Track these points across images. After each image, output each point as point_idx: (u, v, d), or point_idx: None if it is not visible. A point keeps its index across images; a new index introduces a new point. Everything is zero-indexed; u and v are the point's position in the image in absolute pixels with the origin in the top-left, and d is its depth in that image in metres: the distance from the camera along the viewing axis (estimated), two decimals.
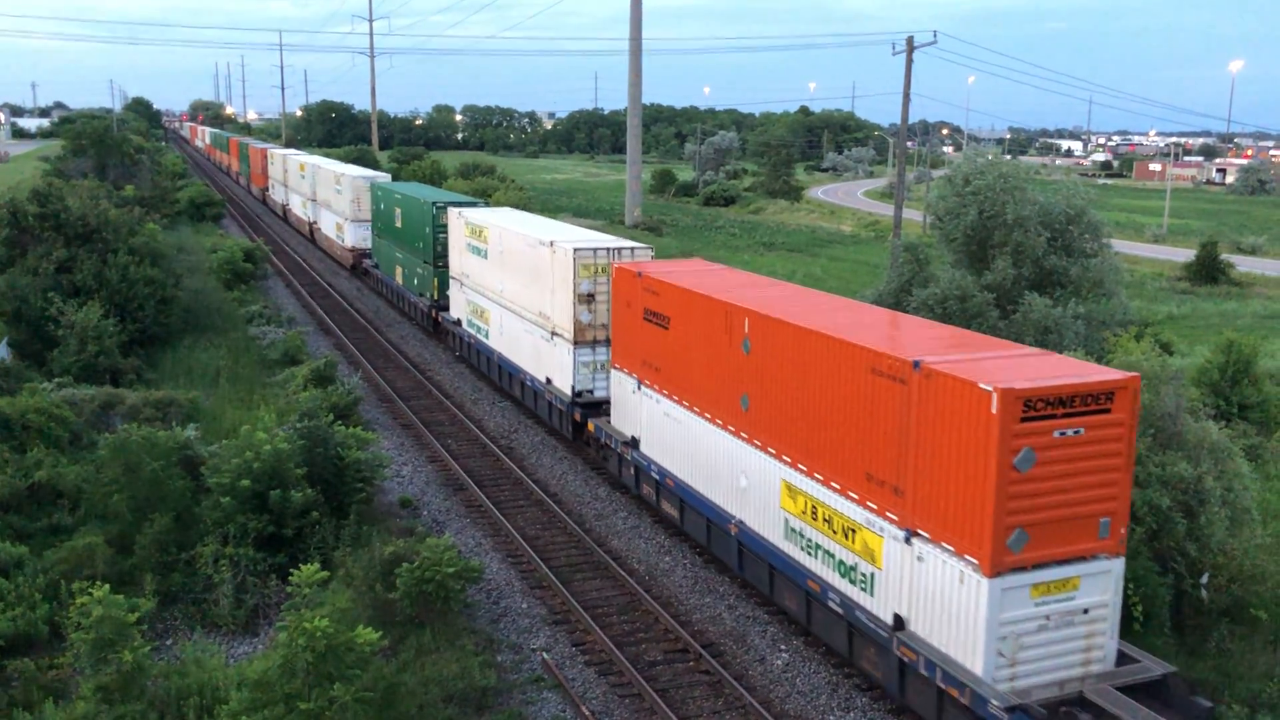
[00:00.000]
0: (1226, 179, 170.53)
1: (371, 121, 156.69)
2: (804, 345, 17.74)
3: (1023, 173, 36.92)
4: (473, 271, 35.28)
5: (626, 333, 24.40)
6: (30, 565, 19.42)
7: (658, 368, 22.90)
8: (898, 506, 15.80)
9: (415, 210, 42.39)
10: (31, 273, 35.72)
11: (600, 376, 27.44)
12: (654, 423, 23.42)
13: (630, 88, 79.22)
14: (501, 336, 32.94)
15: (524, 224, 33.01)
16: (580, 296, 26.97)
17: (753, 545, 19.80)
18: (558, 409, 29.03)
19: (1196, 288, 61.78)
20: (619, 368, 25.11)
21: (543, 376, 29.65)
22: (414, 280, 43.64)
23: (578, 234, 30.85)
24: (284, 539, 20.45)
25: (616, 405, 25.64)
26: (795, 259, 70.96)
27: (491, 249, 32.94)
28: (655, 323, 22.75)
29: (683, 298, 21.63)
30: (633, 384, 24.23)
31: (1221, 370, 27.81)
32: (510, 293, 31.66)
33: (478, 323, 35.25)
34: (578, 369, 27.44)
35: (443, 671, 16.96)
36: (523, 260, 30.28)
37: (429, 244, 40.62)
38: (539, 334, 29.59)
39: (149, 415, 27.00)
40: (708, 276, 23.19)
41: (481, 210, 38.22)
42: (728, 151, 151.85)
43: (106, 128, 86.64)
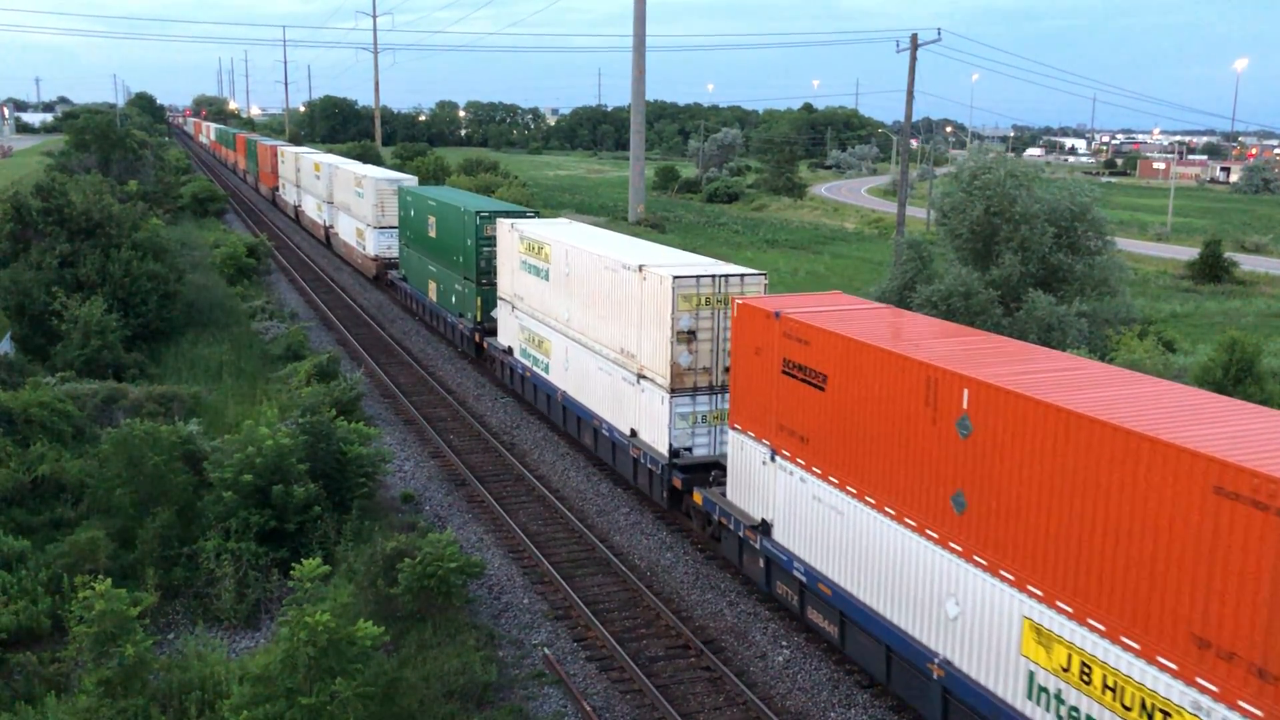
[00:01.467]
0: (1231, 178, 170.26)
1: (375, 117, 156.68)
2: (1078, 438, 12.57)
3: (1032, 170, 36.94)
4: (529, 294, 30.79)
5: (755, 387, 19.13)
6: (33, 559, 19.44)
7: (804, 437, 17.73)
8: (1259, 695, 10.70)
9: (454, 219, 37.87)
10: (35, 267, 35.76)
11: (701, 431, 22.79)
12: (797, 507, 18.30)
13: (633, 84, 79.16)
14: (566, 373, 28.27)
15: (599, 242, 28.17)
16: (679, 335, 22.16)
17: (971, 698, 14.53)
18: (647, 469, 23.85)
19: (1200, 286, 61.69)
20: (742, 430, 19.80)
21: (624, 427, 24.93)
22: (451, 298, 38.98)
23: (670, 256, 26.01)
24: (286, 534, 20.46)
25: (738, 477, 20.30)
26: (798, 256, 70.93)
27: (555, 269, 28.42)
28: (803, 379, 17.65)
29: (850, 351, 16.48)
30: (762, 452, 19.05)
31: (1225, 369, 27.75)
32: (580, 323, 27.12)
33: (534, 353, 30.68)
34: (674, 422, 22.62)
35: (444, 667, 16.97)
36: (599, 286, 25.80)
37: (471, 258, 35.99)
38: (620, 375, 24.99)
39: (151, 410, 27.03)
40: (872, 320, 18.18)
41: (539, 223, 32.92)
42: (731, 148, 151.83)
43: (110, 123, 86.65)
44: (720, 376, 22.46)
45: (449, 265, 38.87)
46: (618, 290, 24.75)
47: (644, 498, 25.42)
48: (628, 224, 79.49)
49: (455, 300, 38.53)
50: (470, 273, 36.35)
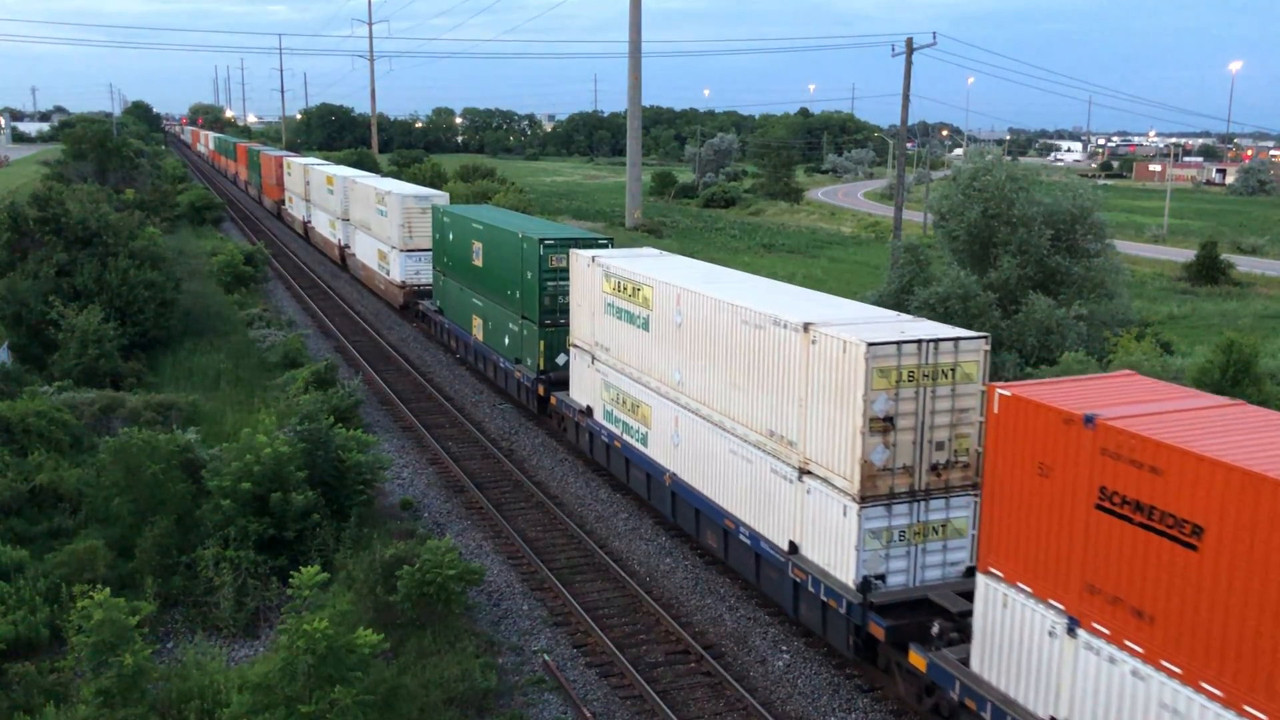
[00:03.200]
0: (1226, 179, 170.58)
1: (371, 124, 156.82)
2: None
3: (1030, 173, 37.02)
4: (618, 345, 25.26)
5: (1036, 520, 13.40)
6: (31, 568, 19.40)
7: (1146, 614, 12.08)
8: None
9: (509, 247, 32.12)
10: (32, 276, 35.73)
11: (898, 552, 17.04)
12: (1128, 713, 12.38)
13: (630, 90, 79.24)
14: (677, 450, 22.66)
15: (724, 286, 22.05)
16: (874, 422, 16.54)
17: None
18: (820, 602, 17.77)
19: (1197, 288, 61.77)
20: (1005, 579, 13.95)
21: (777, 536, 18.96)
22: (503, 339, 33.20)
23: (836, 309, 19.81)
24: (285, 541, 20.43)
25: (995, 645, 14.30)
26: (795, 260, 71.00)
27: (659, 318, 22.98)
28: (1146, 526, 11.97)
29: (1257, 495, 10.77)
30: (1048, 619, 13.34)
31: (1222, 370, 27.75)
32: (700, 389, 21.46)
33: (625, 418, 25.15)
34: (864, 542, 16.83)
35: (444, 674, 16.94)
36: (733, 345, 20.10)
37: (532, 295, 30.24)
38: (766, 465, 19.20)
39: (149, 418, 27.01)
40: (1268, 433, 12.20)
41: (630, 256, 27.19)
42: (727, 153, 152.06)
43: (106, 132, 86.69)
44: (924, 477, 16.92)
45: (500, 300, 33.19)
46: (766, 353, 18.98)
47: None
48: (625, 229, 79.55)
49: (509, 342, 32.70)
50: (530, 312, 30.56)
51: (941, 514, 17.13)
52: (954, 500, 17.16)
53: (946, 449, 16.97)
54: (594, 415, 27.06)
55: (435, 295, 41.74)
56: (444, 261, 39.82)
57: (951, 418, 16.94)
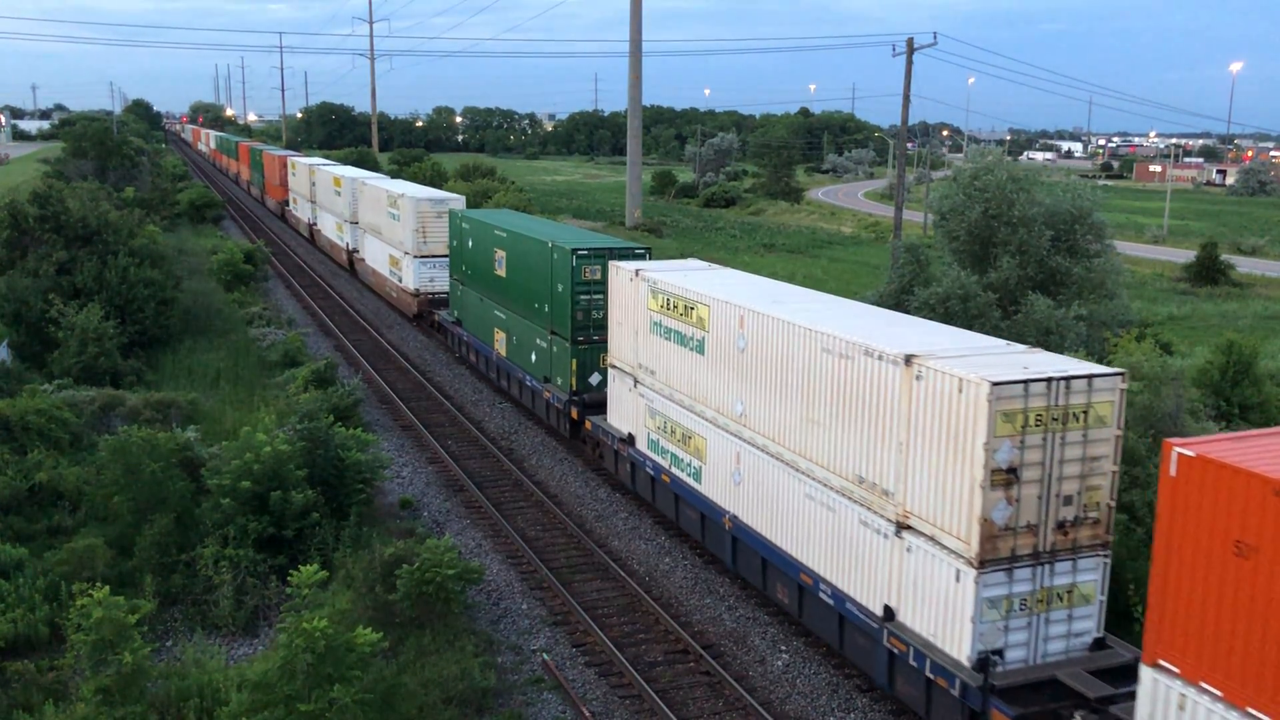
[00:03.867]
0: (1227, 180, 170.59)
1: (372, 123, 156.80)
2: None
3: (1031, 173, 37.00)
4: (666, 368, 22.84)
5: (1243, 616, 10.87)
6: (30, 567, 19.42)
7: None
8: None
9: (536, 257, 29.66)
10: (32, 274, 35.74)
11: (1018, 624, 14.80)
12: None
13: (630, 89, 79.21)
14: (738, 489, 20.32)
15: (797, 307, 19.52)
16: (995, 475, 14.22)
17: None
18: (924, 680, 15.47)
19: (1197, 288, 61.78)
20: (1197, 684, 11.36)
21: (867, 598, 16.60)
22: (530, 355, 30.80)
23: (943, 338, 17.29)
24: (284, 540, 20.43)
25: None
26: (795, 260, 71.00)
27: (715, 339, 20.64)
28: None
29: None
30: None
31: (1222, 371, 27.77)
32: (767, 422, 19.11)
33: (674, 450, 22.82)
34: (982, 612, 14.51)
35: (443, 673, 16.95)
36: (812, 375, 17.74)
37: (563, 309, 27.77)
38: (853, 515, 16.86)
39: (149, 417, 27.01)
40: None
41: (680, 271, 24.40)
42: (728, 153, 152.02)
43: (106, 130, 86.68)
44: (1050, 536, 14.76)
45: (527, 314, 30.75)
46: (855, 387, 16.66)
47: (643, 502, 25.23)
48: (625, 228, 79.55)
49: (536, 359, 30.30)
50: (561, 327, 28.12)
51: (1067, 578, 14.95)
52: (1081, 562, 15.04)
53: (1075, 503, 14.82)
54: (636, 444, 24.59)
55: (452, 305, 39.36)
56: (462, 270, 37.30)
57: (1082, 467, 14.75)
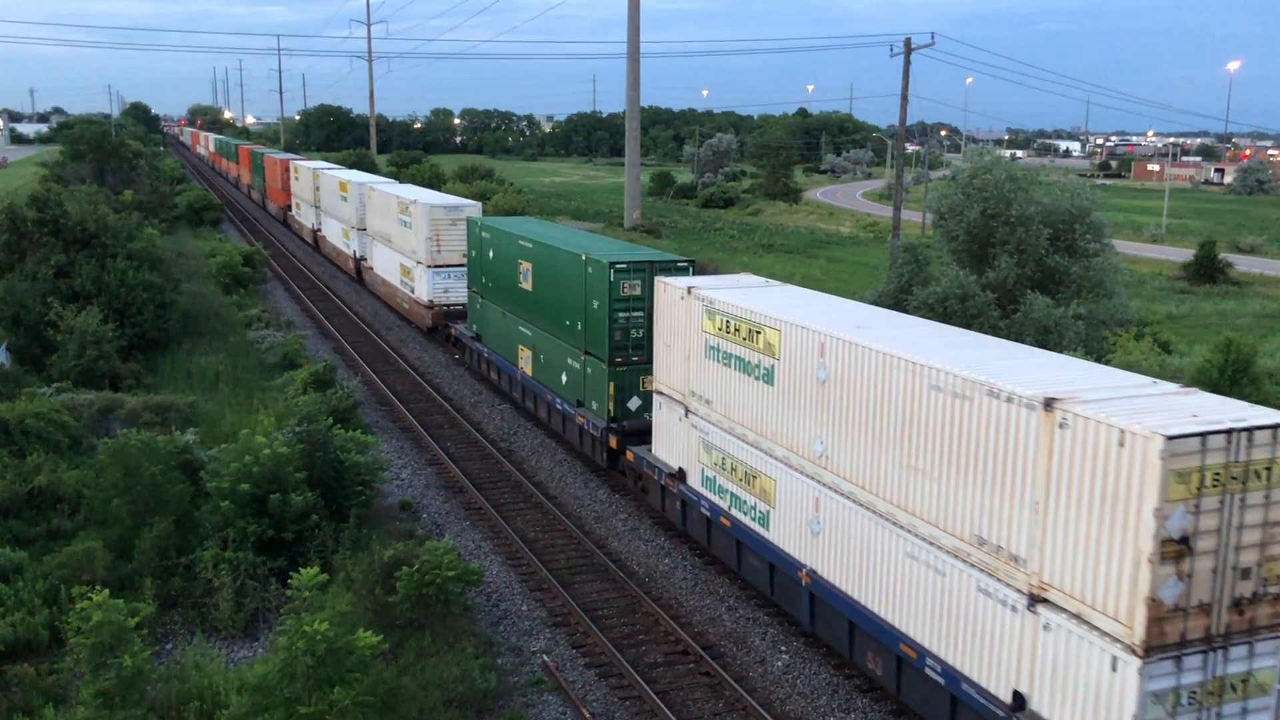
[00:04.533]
0: (1225, 179, 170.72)
1: (370, 125, 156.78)
2: None
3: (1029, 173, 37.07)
4: (725, 397, 20.33)
5: None
6: (30, 570, 19.40)
7: None
8: None
9: (568, 270, 27.30)
10: (30, 278, 35.73)
11: (1185, 718, 12.52)
12: None
13: (628, 90, 79.23)
14: (816, 539, 17.73)
15: (888, 333, 17.01)
16: (1165, 546, 11.91)
17: None
18: None
19: (1195, 287, 61.81)
20: None
21: (992, 682, 14.19)
22: (560, 376, 28.49)
23: (1078, 374, 14.75)
24: (284, 543, 20.42)
25: None
26: (794, 260, 71.02)
27: (788, 368, 18.11)
28: None
29: None
30: None
31: (1221, 370, 27.78)
32: (855, 466, 16.60)
33: (737, 490, 20.23)
34: (1145, 708, 12.28)
35: (443, 675, 16.94)
36: (916, 415, 15.19)
37: (600, 327, 25.44)
38: (970, 581, 14.48)
39: (148, 420, 26.99)
40: None
41: (739, 288, 21.75)
42: (726, 153, 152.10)
43: (105, 133, 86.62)
44: (1224, 617, 12.42)
45: (556, 331, 28.47)
46: (973, 432, 14.22)
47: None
48: (624, 230, 79.56)
49: (567, 381, 27.98)
50: (598, 347, 25.76)
51: (1243, 664, 12.77)
52: (1259, 646, 12.71)
53: (1254, 577, 12.52)
54: (688, 480, 22.09)
55: (471, 319, 36.87)
56: (482, 282, 34.89)
57: (1262, 534, 12.44)
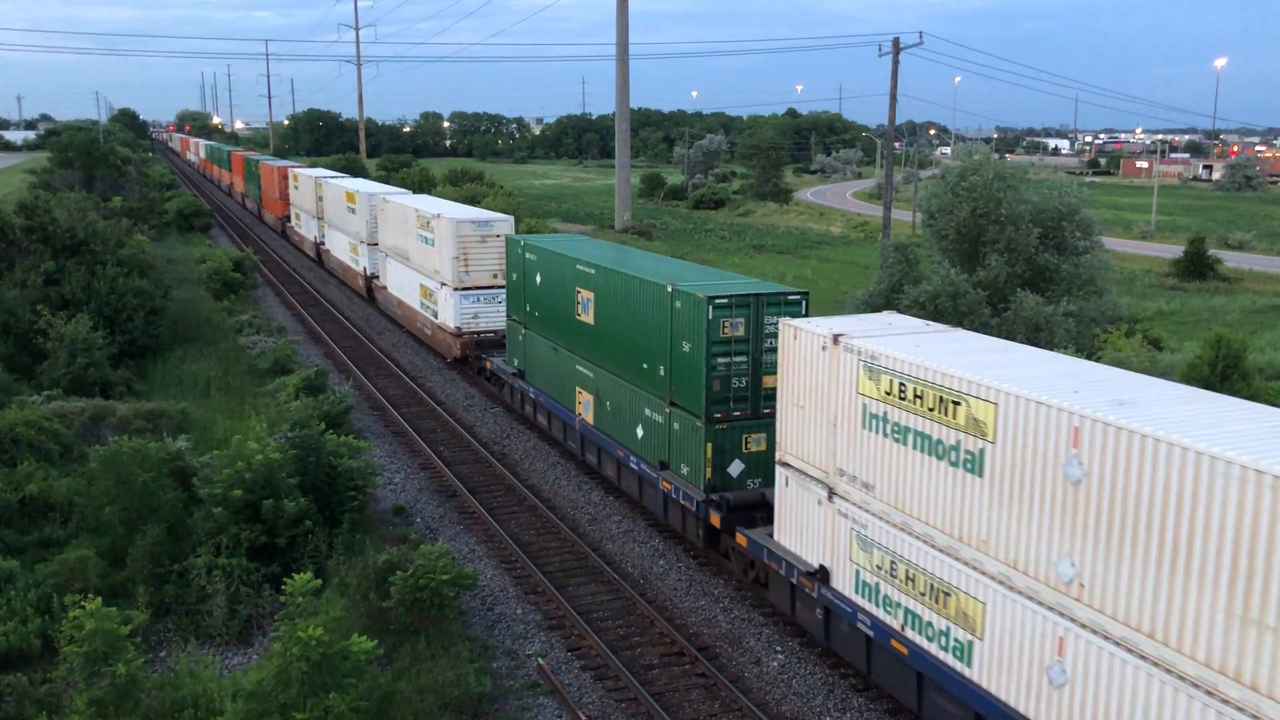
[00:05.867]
0: (1213, 175, 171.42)
1: (359, 129, 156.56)
2: None
3: (1018, 171, 37.19)
4: (896, 482, 15.65)
5: None
6: (22, 579, 19.32)
7: None
8: None
9: (647, 302, 22.93)
10: (19, 285, 35.60)
11: None
12: None
13: (618, 92, 79.26)
14: (1059, 694, 13.18)
15: (1169, 412, 12.67)
16: None
17: None
18: None
19: (1185, 284, 62.03)
20: None
21: None
22: (635, 431, 23.93)
23: None
24: (277, 548, 20.38)
25: None
26: (785, 260, 71.10)
27: (1005, 455, 13.66)
28: None
29: None
30: None
31: (1211, 365, 27.88)
32: (1127, 601, 12.21)
33: (913, 605, 15.56)
34: None
35: (438, 679, 16.91)
36: (1249, 540, 10.83)
37: (695, 376, 21.02)
38: None
39: (140, 427, 26.91)
40: None
41: (900, 334, 17.06)
42: (716, 154, 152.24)
43: (93, 140, 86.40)
44: None
45: (629, 375, 24.11)
46: None
47: (635, 504, 25.18)
48: (615, 231, 79.57)
49: (645, 436, 23.58)
50: (689, 399, 21.39)
51: None
52: None
53: None
54: (834, 583, 17.42)
55: (511, 352, 32.32)
56: (526, 310, 30.42)
57: None
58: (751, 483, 21.19)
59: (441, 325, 37.99)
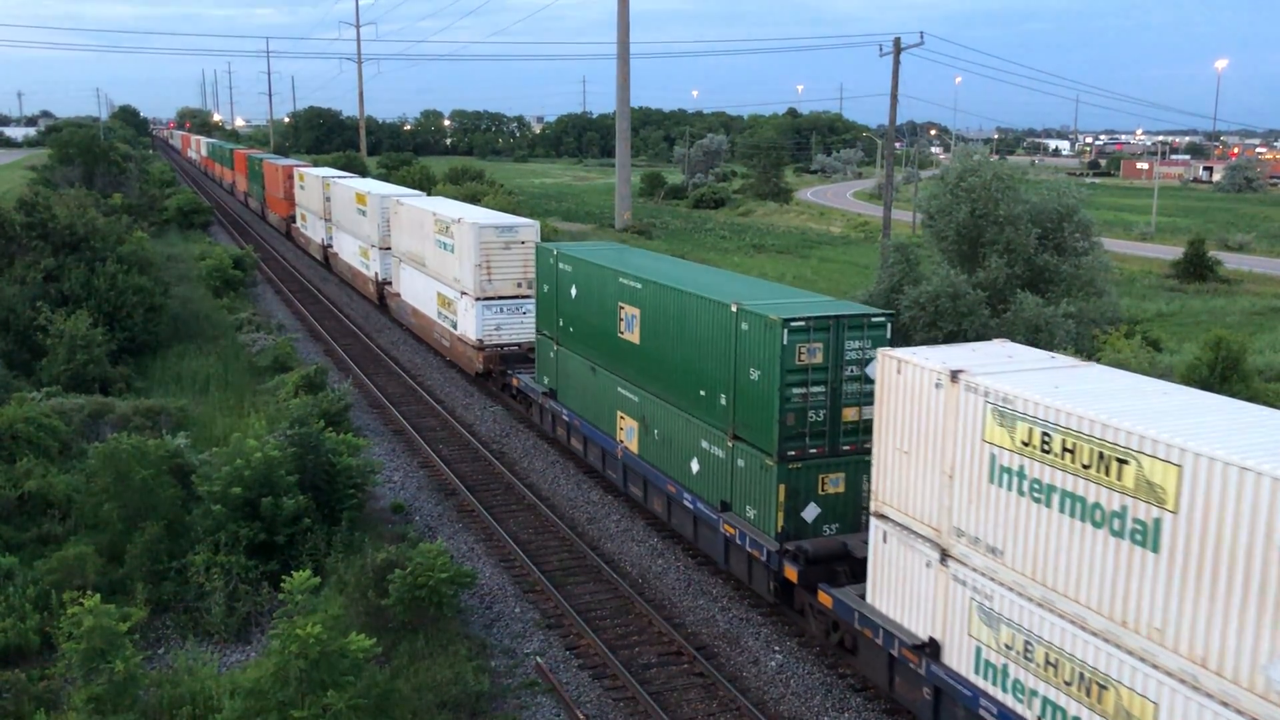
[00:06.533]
0: (1214, 177, 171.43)
1: (359, 127, 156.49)
2: None
3: (1016, 172, 37.20)
4: (1028, 548, 13.42)
5: None
6: (20, 576, 19.33)
7: None
8: None
9: (706, 322, 20.44)
10: (19, 282, 35.60)
11: None
12: None
13: (618, 91, 79.24)
14: None
15: None
16: None
17: None
18: None
19: (1185, 285, 62.02)
20: None
21: None
22: (691, 464, 21.36)
23: None
24: (276, 546, 20.38)
25: None
26: (785, 260, 71.10)
27: (1191, 530, 11.29)
28: None
29: None
30: None
31: (1211, 367, 27.89)
32: None
33: (1049, 691, 13.31)
34: None
35: (436, 677, 16.92)
36: None
37: (767, 408, 18.62)
38: None
39: (139, 424, 26.91)
40: None
41: (1026, 368, 14.81)
42: (716, 154, 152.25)
43: (93, 136, 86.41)
44: None
45: (682, 402, 21.64)
46: None
47: (636, 504, 25.22)
48: (615, 230, 79.58)
49: (701, 472, 21.11)
50: (757, 433, 19.03)
51: None
52: None
53: None
54: (946, 659, 15.01)
55: (540, 369, 29.99)
56: (559, 325, 28.16)
57: None
58: (827, 528, 18.82)
59: (462, 337, 35.61)
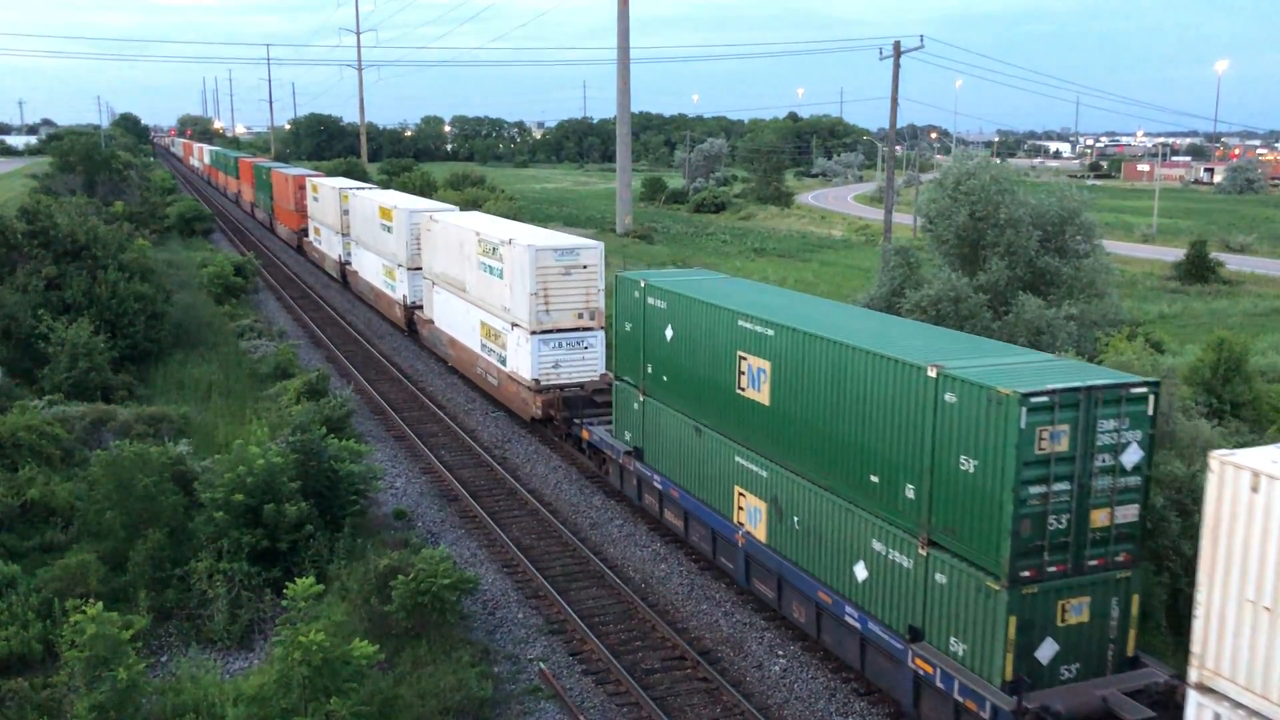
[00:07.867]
0: (1215, 178, 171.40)
1: (360, 134, 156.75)
2: None
3: (1014, 175, 37.17)
4: None
5: None
6: (23, 584, 19.32)
7: None
8: None
9: (889, 387, 15.94)
10: (21, 290, 35.61)
11: None
12: None
13: (619, 96, 79.33)
14: None
15: None
16: None
17: None
18: None
19: (1187, 287, 61.95)
20: None
21: None
22: (855, 570, 17.03)
23: None
24: (278, 553, 20.37)
25: None
26: (786, 264, 71.09)
27: None
28: None
29: None
30: None
31: (1213, 368, 27.83)
32: None
33: None
34: None
35: (439, 683, 16.89)
36: None
37: (995, 507, 14.10)
38: None
39: (141, 431, 26.91)
40: None
41: None
42: (717, 158, 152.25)
43: (94, 144, 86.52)
44: None
45: (840, 485, 17.33)
46: None
47: (636, 509, 25.23)
48: (616, 235, 79.61)
49: (874, 581, 16.67)
50: (972, 542, 14.59)
51: None
52: None
53: None
54: None
55: (621, 422, 25.49)
56: (646, 372, 23.75)
57: None
58: (1065, 670, 14.53)
59: (513, 375, 30.97)
